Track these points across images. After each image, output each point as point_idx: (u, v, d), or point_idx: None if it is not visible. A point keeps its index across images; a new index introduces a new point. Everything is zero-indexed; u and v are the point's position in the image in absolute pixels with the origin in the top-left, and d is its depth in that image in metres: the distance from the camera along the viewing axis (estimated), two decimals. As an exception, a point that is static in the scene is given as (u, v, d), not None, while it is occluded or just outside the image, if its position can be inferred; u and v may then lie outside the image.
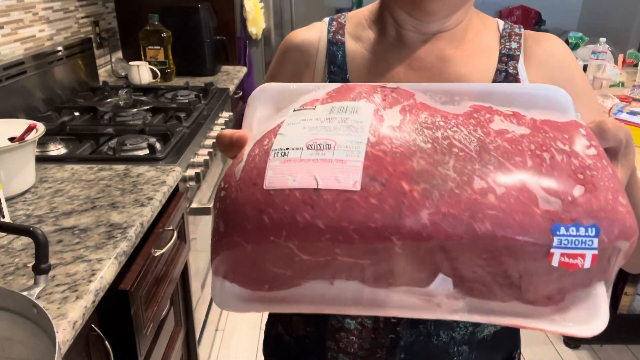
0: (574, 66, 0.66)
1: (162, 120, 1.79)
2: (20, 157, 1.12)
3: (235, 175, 0.40)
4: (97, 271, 0.87)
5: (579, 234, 0.34)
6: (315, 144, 0.39)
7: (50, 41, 1.97)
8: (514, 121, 0.39)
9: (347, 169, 0.37)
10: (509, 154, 0.37)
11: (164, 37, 2.31)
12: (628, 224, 0.35)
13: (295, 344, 0.74)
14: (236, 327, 2.22)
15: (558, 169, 0.36)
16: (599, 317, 0.36)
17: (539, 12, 4.73)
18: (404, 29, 0.65)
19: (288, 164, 0.38)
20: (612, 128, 0.40)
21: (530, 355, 2.08)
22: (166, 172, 1.30)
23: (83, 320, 0.79)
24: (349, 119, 0.40)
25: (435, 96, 0.43)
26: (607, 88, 2.42)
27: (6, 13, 1.69)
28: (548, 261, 0.35)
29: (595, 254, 0.35)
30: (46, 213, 1.07)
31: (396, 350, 0.66)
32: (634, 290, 2.05)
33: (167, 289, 1.25)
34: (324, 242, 0.37)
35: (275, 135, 0.41)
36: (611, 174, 0.37)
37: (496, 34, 0.67)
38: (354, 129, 0.39)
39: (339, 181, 0.36)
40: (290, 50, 0.71)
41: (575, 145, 0.37)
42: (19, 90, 1.65)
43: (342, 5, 4.18)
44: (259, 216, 0.38)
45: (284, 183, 0.37)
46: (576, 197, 0.35)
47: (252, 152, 0.41)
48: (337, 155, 0.38)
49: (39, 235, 0.75)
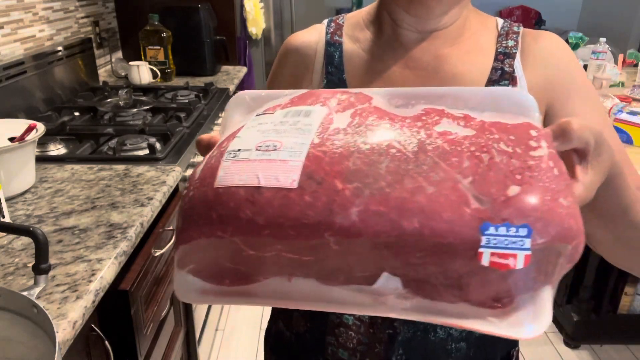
0: (573, 65, 0.65)
1: (162, 120, 1.79)
2: (20, 157, 1.12)
3: (195, 175, 0.43)
4: (97, 271, 0.87)
5: (508, 233, 0.34)
6: (264, 145, 0.41)
7: (50, 41, 1.97)
8: (461, 123, 0.40)
9: (288, 168, 0.39)
10: (446, 155, 0.37)
11: (164, 37, 2.31)
12: (567, 225, 0.34)
13: (296, 340, 0.75)
14: (236, 327, 2.22)
15: (495, 169, 0.36)
16: (539, 322, 0.35)
17: (539, 12, 4.74)
18: (401, 27, 0.65)
19: (237, 164, 0.41)
20: (576, 129, 0.39)
21: (530, 355, 2.08)
22: (166, 172, 1.30)
23: (83, 320, 0.79)
24: (299, 122, 0.43)
25: (392, 100, 0.45)
26: (607, 88, 2.43)
27: (6, 13, 1.69)
28: (479, 262, 0.34)
29: (528, 255, 0.34)
30: (46, 213, 1.07)
31: (394, 345, 0.67)
32: (634, 290, 2.05)
33: (167, 289, 1.25)
34: (265, 238, 0.38)
35: (233, 138, 0.44)
36: (556, 175, 0.36)
37: (494, 32, 0.67)
38: (302, 132, 0.41)
39: (278, 180, 0.38)
40: (290, 53, 0.72)
41: (519, 146, 0.37)
42: (19, 90, 1.65)
43: (342, 5, 4.18)
44: (208, 213, 0.40)
45: (231, 181, 0.40)
46: (509, 197, 0.34)
47: (211, 154, 0.44)
48: (281, 156, 0.40)
49: (39, 235, 0.75)
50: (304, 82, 0.70)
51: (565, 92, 0.63)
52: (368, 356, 0.69)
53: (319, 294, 0.40)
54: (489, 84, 0.63)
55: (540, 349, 2.13)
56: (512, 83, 0.63)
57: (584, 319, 2.09)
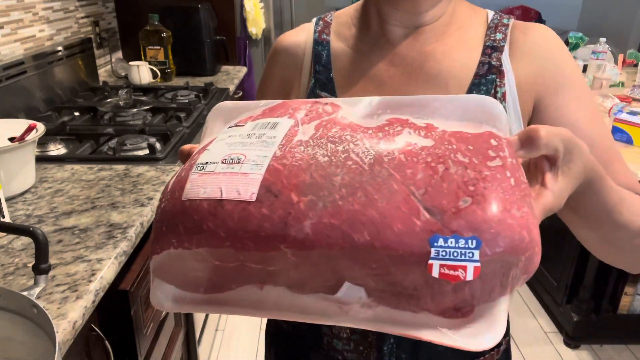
0: (564, 57, 0.63)
1: (162, 120, 1.79)
2: (20, 157, 1.12)
3: (167, 187, 0.45)
4: (97, 271, 0.87)
5: (458, 245, 0.34)
6: (229, 158, 0.42)
7: (50, 41, 1.97)
8: (422, 133, 0.40)
9: (248, 181, 0.40)
10: (401, 166, 0.37)
11: (164, 37, 2.31)
12: (518, 237, 0.34)
13: (294, 331, 0.77)
14: (236, 327, 2.22)
15: (448, 180, 0.36)
16: (494, 332, 0.35)
17: (538, 12, 4.73)
18: (388, 23, 0.65)
19: (203, 176, 0.42)
20: (543, 136, 0.39)
21: (530, 355, 2.08)
22: (166, 172, 1.30)
23: (83, 320, 0.79)
24: (265, 134, 0.44)
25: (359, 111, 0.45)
26: (607, 88, 2.42)
27: (6, 13, 1.69)
28: (423, 272, 0.35)
29: (477, 267, 0.34)
30: (46, 213, 1.07)
31: (385, 334, 0.68)
32: (634, 290, 2.05)
33: (167, 289, 1.25)
34: (226, 249, 0.40)
35: (204, 150, 0.46)
36: (512, 186, 0.36)
37: (484, 25, 0.66)
38: (266, 144, 0.43)
39: (239, 193, 0.39)
40: (279, 53, 0.72)
41: (477, 156, 0.37)
42: (19, 90, 1.65)
43: (341, 5, 4.18)
44: (175, 225, 0.42)
45: (197, 194, 0.41)
46: (460, 209, 0.34)
47: (184, 166, 0.46)
48: (243, 169, 0.41)
49: (39, 235, 0.75)
50: (294, 82, 0.71)
51: (554, 86, 0.62)
52: (361, 345, 0.70)
53: (290, 301, 0.41)
54: (476, 78, 0.62)
55: (540, 349, 2.13)
56: (499, 77, 0.62)
57: (584, 319, 2.09)
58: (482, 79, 0.62)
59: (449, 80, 0.63)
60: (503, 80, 0.62)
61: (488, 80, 0.62)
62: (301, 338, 0.76)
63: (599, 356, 2.10)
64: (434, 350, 0.69)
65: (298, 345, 0.77)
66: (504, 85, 0.62)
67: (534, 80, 0.62)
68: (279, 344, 0.81)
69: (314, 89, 0.68)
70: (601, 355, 2.10)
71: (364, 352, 0.70)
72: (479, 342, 0.35)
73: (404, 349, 0.69)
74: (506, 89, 0.62)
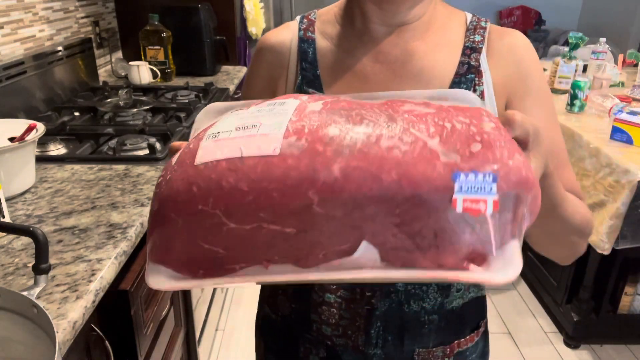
0: (533, 66, 0.68)
1: (162, 120, 1.79)
2: (20, 157, 1.12)
3: (171, 162, 0.44)
4: (97, 271, 0.87)
5: (477, 179, 0.37)
6: (244, 125, 0.43)
7: (50, 41, 1.97)
8: (422, 106, 0.44)
9: (269, 139, 0.40)
10: (414, 123, 0.41)
11: (164, 37, 2.31)
12: (525, 175, 0.38)
13: (282, 321, 0.79)
14: (236, 327, 2.22)
15: (457, 133, 0.40)
16: (509, 272, 0.38)
17: (539, 12, 4.73)
18: (371, 21, 0.67)
19: (218, 142, 0.42)
20: (518, 119, 0.44)
21: (530, 355, 2.08)
22: (166, 172, 1.30)
23: (83, 320, 0.79)
24: (275, 109, 0.45)
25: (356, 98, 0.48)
26: (607, 88, 2.42)
27: (6, 13, 1.69)
28: (454, 210, 0.37)
29: (496, 200, 0.37)
30: (46, 213, 1.07)
31: (372, 319, 0.71)
32: (634, 290, 2.05)
33: (167, 289, 1.25)
34: (248, 205, 0.39)
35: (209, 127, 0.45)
36: (509, 140, 0.41)
37: (462, 27, 0.70)
38: (279, 114, 0.43)
39: (260, 149, 0.40)
40: (264, 52, 0.74)
41: (475, 119, 0.41)
42: (19, 90, 1.65)
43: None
44: (188, 188, 0.41)
45: (212, 157, 0.41)
46: (473, 152, 0.38)
47: (187, 144, 0.46)
48: (261, 131, 0.41)
49: (39, 235, 0.75)
50: (280, 79, 0.72)
51: (521, 91, 0.67)
52: (350, 329, 0.72)
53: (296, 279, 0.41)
54: (456, 77, 0.66)
55: (540, 348, 2.13)
56: (478, 76, 0.66)
57: (584, 319, 2.09)
58: (462, 77, 0.66)
59: (430, 78, 0.67)
60: (481, 79, 0.66)
61: (468, 79, 0.66)
62: (290, 326, 0.78)
63: (599, 356, 2.10)
64: (419, 332, 0.73)
65: (287, 333, 0.79)
66: (482, 84, 0.66)
67: (505, 83, 0.67)
68: (268, 334, 0.83)
69: (301, 85, 0.70)
70: (601, 355, 2.10)
71: (352, 336, 0.73)
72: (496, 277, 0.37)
73: (391, 332, 0.72)
74: (484, 88, 0.66)
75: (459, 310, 0.74)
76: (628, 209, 1.69)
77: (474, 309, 0.77)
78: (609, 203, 1.74)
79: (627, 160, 1.71)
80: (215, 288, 2.04)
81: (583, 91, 2.14)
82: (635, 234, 1.73)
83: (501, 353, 2.10)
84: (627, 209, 1.68)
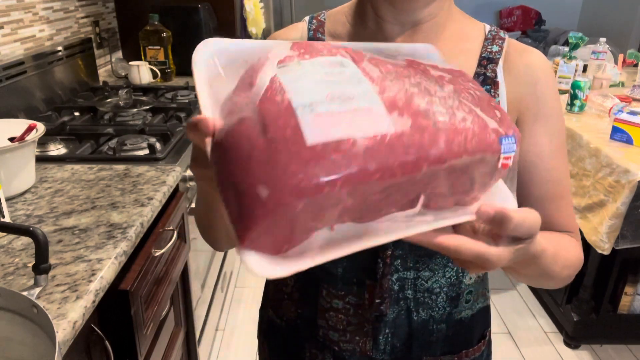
0: (549, 90, 0.66)
1: (162, 120, 1.79)
2: (20, 157, 1.12)
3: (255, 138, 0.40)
4: (97, 271, 0.87)
5: (509, 141, 0.47)
6: (336, 96, 0.42)
7: (50, 41, 1.97)
8: (439, 69, 0.52)
9: (376, 116, 0.42)
10: (459, 94, 0.49)
11: (164, 37, 2.31)
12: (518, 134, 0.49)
13: (287, 326, 0.78)
14: (236, 327, 2.22)
15: (481, 101, 0.49)
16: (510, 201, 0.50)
17: (539, 12, 4.73)
18: (384, 20, 0.66)
19: (320, 118, 0.40)
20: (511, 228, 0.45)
21: (530, 355, 2.08)
22: (166, 172, 1.30)
23: (83, 320, 0.79)
24: (343, 72, 0.45)
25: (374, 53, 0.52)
26: (607, 88, 2.43)
27: (6, 13, 1.69)
28: (494, 165, 0.47)
29: (516, 155, 0.48)
30: (46, 213, 1.07)
31: (381, 325, 0.71)
32: (634, 290, 2.05)
33: (167, 289, 1.25)
34: (374, 184, 0.41)
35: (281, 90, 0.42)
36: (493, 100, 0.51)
37: (481, 37, 0.68)
38: (356, 80, 0.45)
39: (375, 127, 0.41)
40: None
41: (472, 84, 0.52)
42: (19, 90, 1.65)
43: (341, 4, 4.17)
44: (311, 172, 0.38)
45: (326, 136, 0.39)
46: (499, 118, 0.48)
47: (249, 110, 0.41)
48: (361, 104, 0.42)
49: (39, 235, 0.75)
50: None
51: (532, 113, 0.66)
52: (357, 335, 0.72)
53: (358, 231, 0.45)
54: None
55: (540, 349, 2.13)
56: (494, 87, 0.65)
57: (584, 319, 2.09)
58: None
59: None
60: (497, 90, 0.65)
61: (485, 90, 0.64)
62: (296, 331, 0.77)
63: (599, 356, 2.10)
64: (427, 340, 0.72)
65: (292, 338, 0.78)
66: (498, 95, 0.65)
67: (519, 101, 0.66)
68: (273, 338, 0.82)
69: None
70: (601, 355, 2.11)
71: (360, 342, 0.73)
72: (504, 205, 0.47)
73: (399, 338, 0.72)
74: (500, 100, 0.65)
75: (468, 321, 0.74)
76: (628, 209, 1.69)
77: (481, 319, 0.77)
78: (609, 203, 1.74)
79: (627, 160, 1.71)
80: (217, 286, 2.04)
81: (583, 91, 2.14)
82: (635, 234, 1.73)
83: (501, 353, 2.10)
84: (627, 209, 1.68)
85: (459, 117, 0.45)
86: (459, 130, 0.44)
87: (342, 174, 0.39)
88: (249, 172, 0.40)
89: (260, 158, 0.39)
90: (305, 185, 0.38)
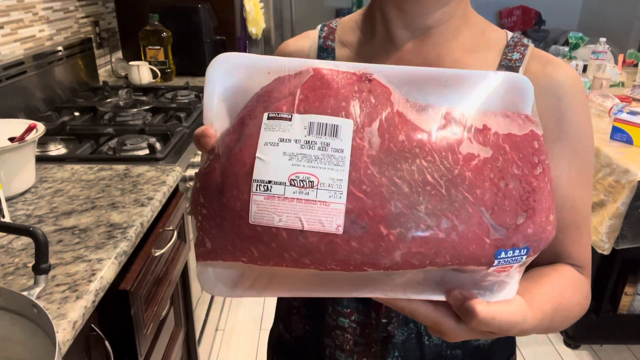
0: (577, 109, 0.60)
1: (162, 120, 1.79)
2: (20, 157, 1.12)
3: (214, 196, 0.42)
4: (97, 271, 0.87)
5: (514, 255, 0.42)
6: (298, 179, 0.40)
7: (50, 41, 1.97)
8: (480, 140, 0.43)
9: (331, 212, 0.39)
10: (472, 187, 0.41)
11: (164, 37, 2.30)
12: (551, 236, 0.43)
13: (296, 342, 0.76)
14: (236, 327, 2.22)
15: (509, 197, 0.42)
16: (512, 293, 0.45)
17: (539, 12, 4.73)
18: (394, 26, 0.62)
19: (272, 200, 0.40)
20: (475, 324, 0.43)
21: (530, 355, 2.08)
22: (166, 172, 1.30)
23: (83, 320, 0.79)
24: (329, 145, 0.41)
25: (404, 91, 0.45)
26: (607, 88, 2.43)
27: (6, 13, 1.69)
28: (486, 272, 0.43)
29: (522, 264, 0.43)
30: (46, 213, 1.07)
31: (389, 346, 0.68)
32: (634, 290, 2.05)
33: (167, 289, 1.25)
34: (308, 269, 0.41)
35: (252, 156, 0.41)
36: (549, 191, 0.43)
37: (501, 44, 0.64)
38: (335, 161, 0.40)
39: (323, 225, 0.39)
40: None
41: (526, 166, 0.43)
42: (19, 90, 1.65)
43: (342, 5, 4.18)
44: (248, 248, 0.41)
45: (270, 221, 0.40)
46: (518, 225, 0.41)
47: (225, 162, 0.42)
48: (320, 196, 0.40)
49: (39, 235, 0.75)
50: None
51: (553, 133, 0.60)
52: (365, 356, 0.69)
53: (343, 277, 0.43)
54: None
55: (540, 349, 2.13)
56: None
57: (584, 319, 2.08)
58: None
59: None
60: None
61: None
62: (304, 349, 0.75)
63: (599, 356, 2.10)
64: None
65: (301, 356, 0.76)
66: None
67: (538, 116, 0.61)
68: (282, 355, 0.81)
69: None
70: (601, 355, 2.10)
71: None
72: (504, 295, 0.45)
73: None
74: None
75: (487, 348, 0.69)
76: (628, 209, 1.69)
77: (503, 346, 0.72)
78: (609, 203, 1.74)
79: (627, 160, 1.71)
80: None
81: (583, 91, 2.14)
82: (635, 234, 1.73)
83: (501, 353, 2.09)
84: (627, 209, 1.68)
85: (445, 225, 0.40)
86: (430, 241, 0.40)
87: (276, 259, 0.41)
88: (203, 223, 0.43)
89: (209, 215, 0.42)
90: (239, 255, 0.42)
